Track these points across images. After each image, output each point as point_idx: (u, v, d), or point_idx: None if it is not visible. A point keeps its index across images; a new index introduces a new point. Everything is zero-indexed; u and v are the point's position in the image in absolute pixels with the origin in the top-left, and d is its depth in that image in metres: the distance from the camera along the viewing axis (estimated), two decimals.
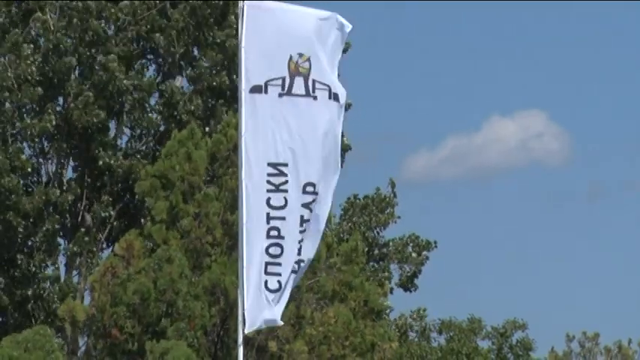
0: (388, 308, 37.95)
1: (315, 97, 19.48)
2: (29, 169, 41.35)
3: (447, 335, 46.77)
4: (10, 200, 38.84)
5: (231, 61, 37.81)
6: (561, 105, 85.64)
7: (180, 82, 42.33)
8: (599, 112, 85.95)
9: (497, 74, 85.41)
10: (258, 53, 20.22)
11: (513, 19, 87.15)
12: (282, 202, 19.02)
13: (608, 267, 78.12)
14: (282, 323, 21.16)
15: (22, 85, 39.14)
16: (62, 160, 42.03)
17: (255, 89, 19.58)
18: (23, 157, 40.73)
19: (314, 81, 19.57)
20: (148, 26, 40.80)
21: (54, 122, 40.03)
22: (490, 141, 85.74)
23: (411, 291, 45.35)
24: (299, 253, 18.64)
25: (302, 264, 19.44)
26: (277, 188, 18.76)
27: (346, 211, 42.62)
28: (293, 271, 19.38)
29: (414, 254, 44.35)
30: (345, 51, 40.91)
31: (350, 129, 46.13)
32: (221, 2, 38.62)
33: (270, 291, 18.98)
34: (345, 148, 38.78)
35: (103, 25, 40.51)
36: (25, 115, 40.57)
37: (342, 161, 23.54)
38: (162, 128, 40.98)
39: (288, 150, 20.00)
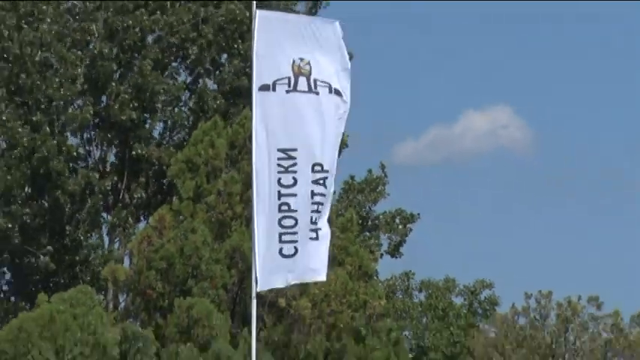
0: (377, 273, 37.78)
1: (317, 93, 19.27)
2: (74, 154, 40.91)
3: (426, 293, 46.31)
4: (59, 181, 38.48)
5: (250, 68, 36.10)
6: (524, 101, 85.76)
7: (207, 84, 41.85)
8: (556, 107, 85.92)
9: (471, 74, 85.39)
10: (267, 58, 20.10)
11: (483, 24, 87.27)
12: (292, 182, 19.04)
13: (560, 235, 78.15)
14: (296, 282, 21.56)
15: (69, 85, 38.92)
16: (104, 148, 41.15)
17: (264, 87, 19.52)
18: (69, 143, 40.36)
19: (315, 80, 19.42)
20: (182, 36, 40.53)
21: (91, 113, 39.71)
22: (465, 131, 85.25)
23: (397, 257, 45.04)
24: (314, 223, 18.65)
25: (320, 232, 19.84)
26: (286, 170, 18.80)
27: (346, 192, 42.47)
28: (311, 238, 19.88)
29: (400, 226, 44.15)
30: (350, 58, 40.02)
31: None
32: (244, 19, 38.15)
33: (285, 256, 18.89)
34: (343, 140, 38.20)
35: (140, 34, 40.23)
36: (70, 109, 40.11)
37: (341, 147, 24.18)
38: (191, 122, 40.24)
39: (296, 137, 20.42)
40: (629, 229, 78.81)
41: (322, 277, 21.98)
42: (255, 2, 21.68)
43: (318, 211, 19.49)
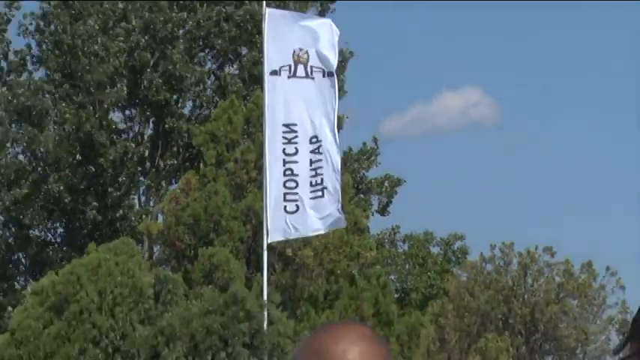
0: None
1: (312, 78, 21.13)
2: (114, 127, 40.91)
3: (409, 244, 45.85)
4: (101, 150, 38.27)
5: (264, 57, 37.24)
6: (493, 82, 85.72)
7: (229, 70, 41.80)
8: (520, 87, 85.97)
9: (446, 58, 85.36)
10: (274, 48, 21.38)
11: (456, 12, 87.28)
12: (294, 151, 20.75)
13: (520, 193, 78.43)
14: (300, 235, 22.89)
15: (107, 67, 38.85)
16: (142, 124, 40.67)
17: (273, 73, 21.07)
18: (110, 118, 40.39)
19: (311, 67, 21.15)
20: (208, 31, 40.39)
21: (126, 91, 39.69)
22: (441, 108, 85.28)
23: (385, 215, 44.66)
24: (315, 185, 20.71)
25: (325, 190, 20.89)
26: (289, 141, 20.60)
27: (344, 161, 42.04)
28: (314, 198, 20.98)
29: (388, 189, 43.76)
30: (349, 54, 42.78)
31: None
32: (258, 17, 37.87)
33: (289, 212, 21.07)
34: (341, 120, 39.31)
35: (171, 29, 39.80)
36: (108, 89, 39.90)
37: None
38: (215, 101, 39.71)
39: (296, 114, 21.03)
40: (580, 190, 79.10)
41: (321, 231, 23.29)
42: (265, 2, 22.81)
43: (317, 174, 20.70)
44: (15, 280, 39.46)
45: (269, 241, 22.22)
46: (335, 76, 22.51)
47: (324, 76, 21.66)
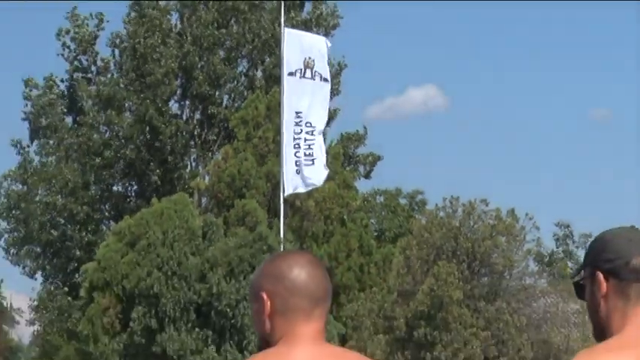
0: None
1: (314, 79, 21.23)
2: (170, 112, 40.31)
3: (384, 197, 45.45)
4: (161, 129, 37.73)
5: (280, 62, 36.50)
6: (447, 80, 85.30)
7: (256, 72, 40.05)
8: (469, 84, 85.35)
9: (411, 64, 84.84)
10: (291, 56, 21.25)
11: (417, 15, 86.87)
12: (299, 131, 20.90)
13: (462, 157, 79.20)
14: (305, 189, 22.66)
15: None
16: (192, 110, 39.71)
17: (290, 74, 20.95)
18: (168, 105, 39.90)
19: (315, 71, 21.18)
20: (241, 42, 39.43)
21: (177, 86, 39.35)
22: (407, 100, 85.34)
23: (368, 178, 43.85)
24: (308, 155, 20.95)
25: (315, 160, 21.26)
26: (297, 124, 20.79)
27: (342, 140, 41.80)
28: (307, 165, 21.22)
29: (371, 160, 43.27)
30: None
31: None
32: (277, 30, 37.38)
33: (297, 174, 21.50)
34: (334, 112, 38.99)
35: (212, 40, 39.19)
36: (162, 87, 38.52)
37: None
38: (245, 95, 39.04)
39: (302, 105, 21.04)
40: (506, 156, 79.00)
41: (317, 185, 23.36)
42: (283, 22, 23.10)
43: (310, 148, 21.11)
44: (102, 224, 39.32)
45: (284, 195, 22.30)
46: (329, 80, 22.75)
47: (321, 80, 21.81)
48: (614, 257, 2.16)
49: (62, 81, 40.54)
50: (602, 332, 2.18)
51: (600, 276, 2.15)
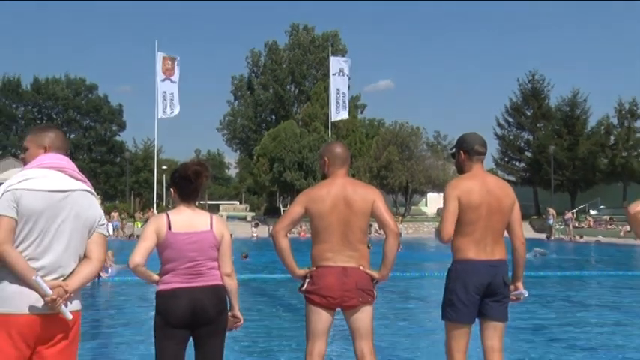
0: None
1: (343, 76, 36.96)
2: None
3: (368, 127, 59.70)
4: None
5: (328, 72, 43.99)
6: (400, 76, 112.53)
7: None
8: (417, 74, 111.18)
9: (373, 63, 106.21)
10: (333, 64, 36.19)
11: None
12: (338, 98, 35.71)
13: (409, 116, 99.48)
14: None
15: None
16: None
17: (334, 74, 37.36)
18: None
19: (342, 70, 36.75)
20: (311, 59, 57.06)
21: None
22: (376, 88, 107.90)
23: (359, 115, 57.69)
24: (338, 104, 35.49)
25: (344, 109, 35.27)
26: (336, 97, 36.07)
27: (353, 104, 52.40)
28: (339, 112, 35.45)
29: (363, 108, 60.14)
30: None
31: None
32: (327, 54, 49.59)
33: (337, 114, 35.74)
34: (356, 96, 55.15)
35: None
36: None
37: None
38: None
39: (338, 85, 36.81)
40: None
41: (345, 117, 39.35)
42: (330, 53, 40.12)
43: (340, 103, 35.72)
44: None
45: (332, 120, 38.73)
46: (348, 76, 35.08)
47: (343, 75, 35.34)
48: (467, 144, 4.42)
49: None
50: (461, 173, 4.54)
51: (462, 152, 4.46)
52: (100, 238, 3.83)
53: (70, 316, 3.65)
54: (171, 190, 4.35)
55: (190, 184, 4.34)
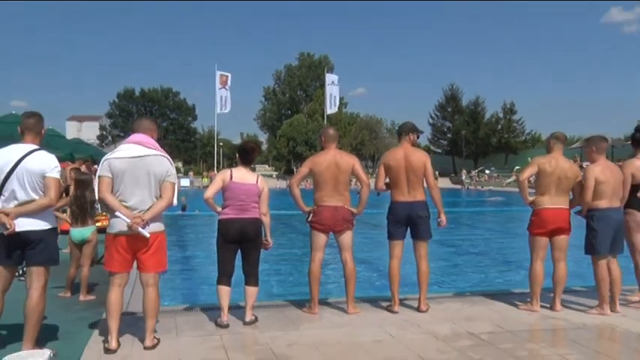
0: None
1: (335, 85, 48.39)
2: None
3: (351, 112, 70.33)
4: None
5: (323, 82, 51.80)
6: (371, 85, 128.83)
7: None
8: (382, 85, 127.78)
9: (348, 72, 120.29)
10: (329, 80, 48.40)
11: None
12: (330, 99, 46.92)
13: (374, 108, 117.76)
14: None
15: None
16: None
17: (328, 83, 49.37)
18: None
19: (333, 81, 49.00)
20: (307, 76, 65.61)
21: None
22: (357, 93, 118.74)
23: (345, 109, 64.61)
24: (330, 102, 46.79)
25: (335, 106, 47.07)
26: (329, 100, 48.01)
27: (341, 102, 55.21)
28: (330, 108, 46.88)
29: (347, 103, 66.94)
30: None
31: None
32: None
33: (329, 108, 47.84)
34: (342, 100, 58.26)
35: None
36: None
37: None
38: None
39: (330, 94, 48.04)
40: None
41: (334, 111, 51.67)
42: (326, 70, 54.04)
43: (332, 103, 46.41)
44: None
45: (327, 113, 48.65)
46: (337, 85, 43.07)
47: (334, 84, 42.91)
48: (400, 128, 6.08)
49: None
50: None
51: (402, 133, 6.01)
52: (169, 185, 4.70)
53: (147, 235, 4.62)
54: (237, 155, 5.31)
55: (248, 154, 5.46)
